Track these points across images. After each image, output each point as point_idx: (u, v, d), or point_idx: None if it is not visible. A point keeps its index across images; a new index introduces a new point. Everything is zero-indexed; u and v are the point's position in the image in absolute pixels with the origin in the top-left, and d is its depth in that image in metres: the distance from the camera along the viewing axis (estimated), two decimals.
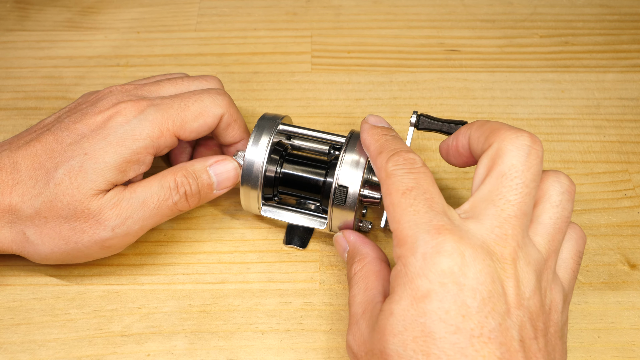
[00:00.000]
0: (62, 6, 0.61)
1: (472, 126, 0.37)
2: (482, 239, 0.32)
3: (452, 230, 0.32)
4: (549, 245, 0.34)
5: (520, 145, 0.33)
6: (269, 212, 0.44)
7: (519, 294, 0.31)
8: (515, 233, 0.32)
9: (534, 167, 0.33)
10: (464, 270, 0.31)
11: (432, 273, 0.31)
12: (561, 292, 0.34)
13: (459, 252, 0.31)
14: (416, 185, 0.34)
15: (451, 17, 0.61)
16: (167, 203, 0.41)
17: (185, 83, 0.44)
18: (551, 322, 0.33)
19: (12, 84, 0.55)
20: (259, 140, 0.42)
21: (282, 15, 0.61)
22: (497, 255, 0.32)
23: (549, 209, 0.34)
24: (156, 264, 0.44)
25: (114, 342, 0.40)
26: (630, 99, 0.55)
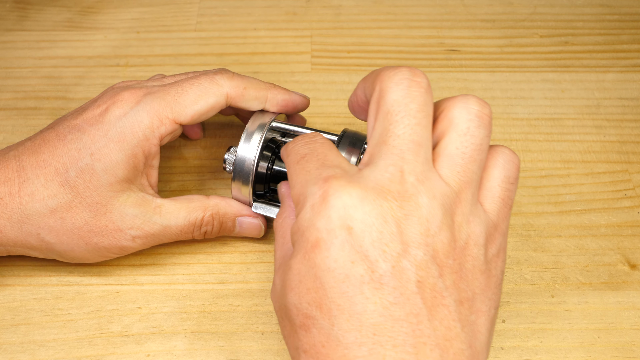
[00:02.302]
0: (61, 6, 0.61)
1: (365, 78, 0.35)
2: (375, 180, 0.30)
3: (342, 176, 0.30)
4: (460, 176, 0.31)
5: (399, 80, 0.31)
6: (260, 209, 0.44)
7: (421, 231, 0.29)
8: (411, 167, 0.30)
9: (418, 97, 0.31)
10: (350, 213, 0.29)
11: (320, 221, 0.29)
12: (482, 223, 0.31)
13: (346, 196, 0.29)
14: (310, 152, 0.33)
15: (451, 17, 0.61)
16: (186, 235, 0.42)
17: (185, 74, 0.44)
18: (467, 257, 0.31)
19: (11, 84, 0.55)
20: (251, 137, 0.42)
21: (282, 15, 0.61)
22: (393, 193, 0.30)
23: (455, 138, 0.31)
24: (156, 264, 0.44)
25: (114, 342, 0.40)
26: (630, 99, 0.54)
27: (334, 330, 0.29)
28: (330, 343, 0.29)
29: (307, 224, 0.30)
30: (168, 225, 0.41)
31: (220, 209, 0.43)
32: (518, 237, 0.46)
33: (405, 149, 0.30)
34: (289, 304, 0.31)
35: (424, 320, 0.29)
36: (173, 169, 0.49)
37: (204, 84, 0.42)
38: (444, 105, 0.33)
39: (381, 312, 0.28)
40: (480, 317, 0.31)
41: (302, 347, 0.30)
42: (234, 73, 0.43)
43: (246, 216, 0.43)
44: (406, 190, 0.30)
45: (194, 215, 0.42)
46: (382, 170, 0.30)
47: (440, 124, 0.32)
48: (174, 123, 0.41)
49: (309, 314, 0.30)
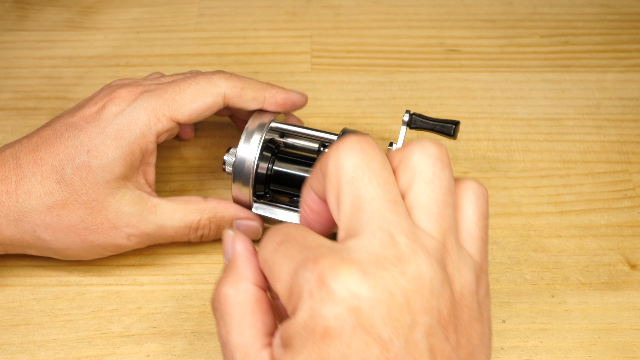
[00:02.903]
0: (61, 6, 0.61)
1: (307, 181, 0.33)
2: (366, 250, 0.28)
3: (331, 255, 0.28)
4: (440, 225, 0.29)
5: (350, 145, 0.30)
6: (260, 210, 0.44)
7: (426, 295, 0.27)
8: (398, 228, 0.28)
9: (376, 156, 0.30)
10: (354, 291, 0.27)
11: (325, 308, 0.27)
12: (471, 269, 0.30)
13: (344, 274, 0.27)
14: (285, 238, 0.30)
15: (451, 17, 0.61)
16: (182, 237, 0.42)
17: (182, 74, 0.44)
18: (464, 309, 0.29)
19: (11, 84, 0.55)
20: (251, 137, 0.42)
21: (282, 15, 0.61)
22: (391, 259, 0.27)
23: (423, 187, 0.30)
24: (156, 264, 0.44)
25: (114, 342, 0.40)
26: (630, 99, 0.54)
27: None
28: None
29: (310, 313, 0.27)
30: (163, 225, 0.41)
31: (217, 213, 0.42)
32: (518, 237, 0.46)
33: (384, 209, 0.28)
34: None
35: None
36: (173, 169, 0.49)
37: (201, 83, 0.42)
38: (400, 155, 0.31)
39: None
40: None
41: None
42: (231, 74, 0.43)
43: (244, 219, 0.43)
44: (402, 253, 0.28)
45: (190, 218, 0.42)
46: (370, 238, 0.28)
47: (403, 176, 0.30)
48: (170, 121, 0.41)
49: None
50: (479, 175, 0.49)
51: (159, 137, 0.41)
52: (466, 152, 0.51)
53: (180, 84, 0.41)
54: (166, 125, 0.41)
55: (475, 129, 0.52)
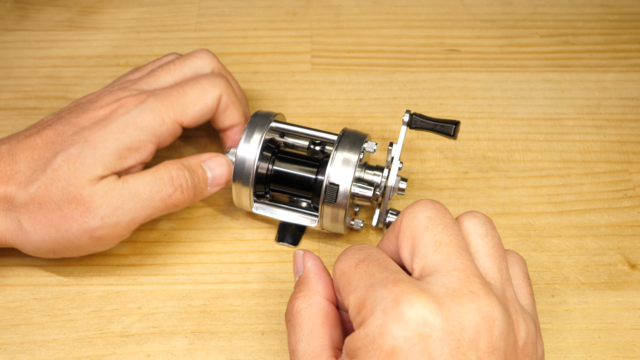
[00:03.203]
0: (61, 6, 0.61)
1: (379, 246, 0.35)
2: (443, 285, 0.29)
3: (411, 281, 0.29)
4: (500, 274, 0.32)
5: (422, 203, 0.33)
6: (260, 210, 0.44)
7: (492, 335, 0.29)
8: (473, 270, 0.30)
9: (448, 214, 0.33)
10: (428, 320, 0.28)
11: (395, 328, 0.28)
12: (532, 321, 0.32)
13: (421, 301, 0.28)
14: (368, 257, 0.32)
15: (451, 17, 0.61)
16: (160, 195, 0.40)
17: (178, 67, 0.45)
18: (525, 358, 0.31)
19: (11, 83, 0.55)
20: (251, 137, 0.42)
21: (282, 15, 0.61)
22: (467, 295, 0.29)
23: (480, 242, 0.33)
24: (156, 264, 0.44)
25: (114, 342, 0.40)
26: (630, 99, 0.54)
27: None
28: None
29: (380, 330, 0.28)
30: (136, 191, 0.39)
31: (183, 161, 0.42)
32: (518, 237, 0.46)
33: (458, 254, 0.31)
34: None
35: None
36: None
37: (203, 84, 0.43)
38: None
39: None
40: None
41: None
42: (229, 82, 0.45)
43: (208, 159, 0.42)
44: (477, 293, 0.29)
45: (160, 173, 0.40)
46: (447, 276, 0.30)
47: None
48: (175, 123, 0.42)
49: None
50: (479, 175, 0.49)
51: (162, 139, 0.41)
52: (466, 152, 0.51)
53: (184, 86, 0.43)
54: (171, 128, 0.42)
55: (475, 129, 0.52)
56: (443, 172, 0.49)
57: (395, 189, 0.43)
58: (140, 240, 0.45)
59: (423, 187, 0.49)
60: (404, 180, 0.43)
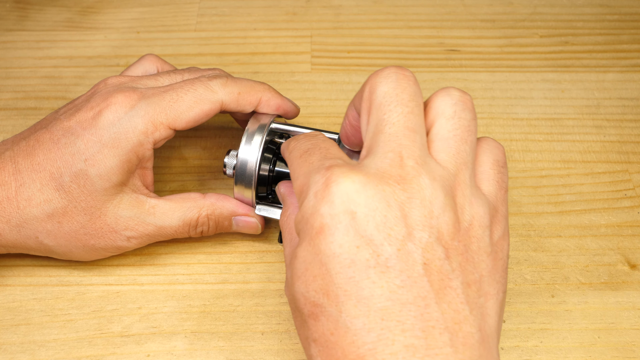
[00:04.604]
0: (61, 6, 0.61)
1: (352, 100, 0.37)
2: (375, 167, 0.30)
3: (344, 165, 0.31)
4: (455, 158, 0.32)
5: (387, 74, 0.33)
6: (263, 211, 0.44)
7: (424, 213, 0.29)
8: (409, 152, 0.30)
9: (409, 88, 0.32)
10: (354, 198, 0.29)
11: (324, 207, 0.30)
12: (484, 205, 0.32)
13: (348, 181, 0.30)
14: (312, 146, 0.34)
15: (451, 17, 0.61)
16: (182, 233, 0.42)
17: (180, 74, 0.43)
18: (472, 239, 0.31)
19: (11, 84, 0.55)
20: (252, 139, 0.42)
21: (282, 15, 0.61)
22: (395, 177, 0.30)
23: (444, 122, 0.32)
24: (156, 264, 0.44)
25: (114, 342, 0.40)
26: (630, 99, 0.54)
27: (342, 317, 0.29)
28: (338, 330, 0.29)
29: (311, 210, 0.30)
30: (162, 225, 0.41)
31: (215, 209, 0.42)
32: (518, 237, 0.46)
33: (401, 135, 0.31)
34: (296, 294, 0.31)
35: (431, 304, 0.28)
36: (173, 169, 0.49)
37: (199, 90, 0.41)
38: (428, 99, 0.34)
39: (388, 296, 0.28)
40: (489, 300, 0.31)
41: (312, 336, 0.30)
42: (227, 77, 0.43)
43: (242, 215, 0.43)
44: (407, 174, 0.30)
45: (189, 216, 0.42)
46: (382, 157, 0.31)
47: (428, 115, 0.33)
48: (168, 129, 0.41)
49: (317, 301, 0.29)
50: None
51: (157, 144, 0.41)
52: None
53: (178, 91, 0.41)
54: (163, 133, 0.41)
55: None
56: None
57: None
58: None
59: None
60: None
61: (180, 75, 0.44)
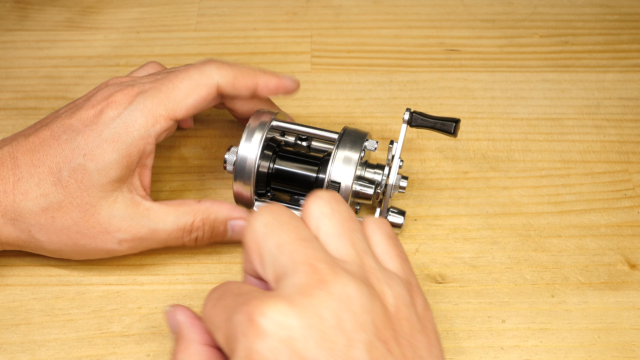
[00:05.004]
0: (62, 6, 0.61)
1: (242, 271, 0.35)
2: (292, 284, 0.29)
3: (261, 295, 0.29)
4: (354, 249, 0.31)
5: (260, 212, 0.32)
6: None
7: (354, 313, 0.28)
8: (317, 257, 0.29)
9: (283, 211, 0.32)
10: (285, 322, 0.27)
11: (259, 344, 0.27)
12: (399, 282, 0.31)
13: (271, 308, 0.27)
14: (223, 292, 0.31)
15: (451, 17, 0.61)
16: (176, 239, 0.42)
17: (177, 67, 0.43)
18: (403, 322, 0.30)
19: (12, 83, 0.55)
20: (252, 136, 0.42)
21: (282, 15, 0.61)
22: (316, 285, 0.28)
23: (328, 223, 0.32)
24: (156, 264, 0.44)
25: (114, 342, 0.40)
26: (630, 99, 0.55)
27: None
28: None
29: (247, 353, 0.27)
30: (156, 229, 0.41)
31: (210, 214, 0.42)
32: (518, 237, 0.46)
33: (300, 247, 0.30)
34: None
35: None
36: (173, 169, 0.49)
37: (194, 76, 0.41)
38: (303, 210, 0.33)
39: None
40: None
41: None
42: (222, 62, 0.43)
43: (238, 219, 0.43)
44: (325, 279, 0.28)
45: (183, 220, 0.41)
46: (294, 273, 0.29)
47: (310, 224, 0.32)
48: (168, 120, 0.41)
49: None
50: (479, 175, 0.49)
51: (158, 137, 0.41)
52: (466, 152, 0.51)
53: (173, 80, 0.41)
54: (164, 125, 0.41)
55: (475, 129, 0.52)
56: (443, 172, 0.49)
57: (396, 187, 0.43)
58: None
59: (423, 187, 0.49)
60: (404, 179, 0.43)
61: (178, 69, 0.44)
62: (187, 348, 0.33)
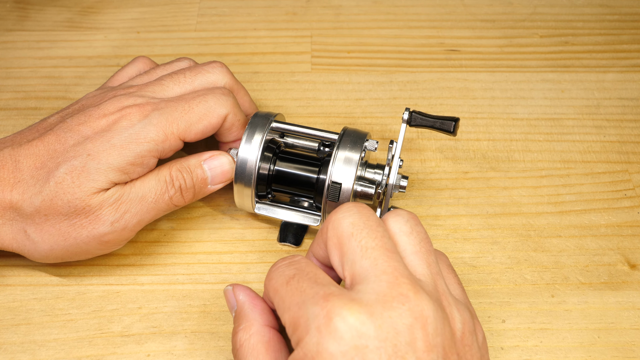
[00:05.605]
0: (62, 6, 0.61)
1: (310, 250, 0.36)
2: (373, 291, 0.29)
3: (342, 295, 0.29)
4: (429, 270, 0.32)
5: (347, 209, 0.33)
6: (262, 210, 0.44)
7: (427, 333, 0.29)
8: (401, 271, 0.30)
9: (372, 216, 0.33)
10: (362, 331, 0.28)
11: (331, 344, 0.28)
12: (466, 309, 0.32)
13: (353, 313, 0.28)
14: (297, 272, 0.32)
15: (451, 17, 0.61)
16: (163, 197, 0.41)
17: (188, 79, 0.44)
18: (466, 349, 0.31)
19: (12, 84, 0.55)
20: (252, 138, 0.42)
21: (282, 15, 0.61)
22: (397, 298, 0.29)
23: (406, 240, 0.33)
24: (156, 264, 0.44)
25: (114, 342, 0.40)
26: (630, 99, 0.55)
27: None
28: None
29: (316, 348, 0.28)
30: (143, 194, 0.40)
31: (182, 161, 0.42)
32: (518, 237, 0.46)
33: (385, 257, 0.31)
34: None
35: None
36: None
37: (210, 102, 0.42)
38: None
39: None
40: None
41: None
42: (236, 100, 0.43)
43: (209, 158, 0.42)
44: (406, 294, 0.29)
45: (162, 175, 0.41)
46: (376, 280, 0.30)
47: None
48: (178, 139, 0.41)
49: None
50: (479, 175, 0.49)
51: (164, 153, 0.41)
52: (466, 152, 0.51)
53: (190, 102, 0.42)
54: (173, 144, 0.41)
55: (475, 129, 0.52)
56: (443, 172, 0.49)
57: (396, 187, 0.43)
58: (140, 240, 0.45)
59: (423, 187, 0.49)
60: (404, 178, 0.43)
61: (183, 75, 0.44)
62: (249, 328, 0.34)
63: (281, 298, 0.31)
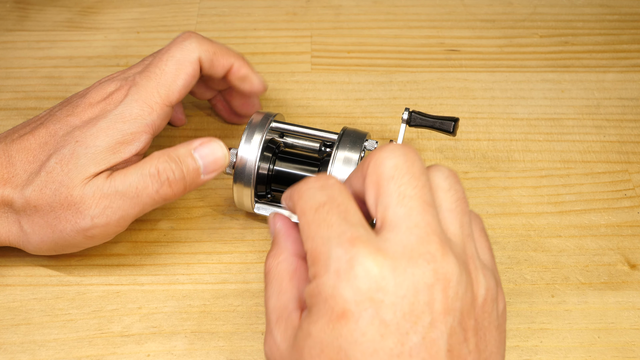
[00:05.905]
0: (62, 6, 0.61)
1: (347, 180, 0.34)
2: (401, 244, 0.29)
3: (368, 241, 0.29)
4: (462, 230, 0.31)
5: (393, 148, 0.31)
6: (262, 210, 0.44)
7: (451, 295, 0.28)
8: (433, 228, 0.29)
9: (417, 162, 0.31)
10: (382, 284, 0.28)
11: (347, 291, 0.28)
12: (492, 276, 0.31)
13: (375, 265, 0.28)
14: (329, 200, 0.31)
15: (451, 17, 0.61)
16: (146, 192, 0.39)
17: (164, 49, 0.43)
18: (485, 315, 0.30)
19: (12, 84, 0.55)
20: (252, 138, 0.42)
21: (282, 15, 0.61)
22: (424, 256, 0.29)
23: (443, 195, 0.32)
24: (156, 264, 0.44)
25: (114, 342, 0.40)
26: (630, 99, 0.55)
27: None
28: None
29: (332, 291, 0.28)
30: (122, 190, 0.38)
31: (171, 151, 0.40)
32: (518, 237, 0.46)
33: (421, 209, 0.30)
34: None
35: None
36: None
37: (176, 55, 0.41)
38: None
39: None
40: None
41: None
42: (202, 36, 0.43)
43: (200, 146, 0.40)
44: (434, 253, 0.29)
45: (145, 168, 0.39)
46: (407, 232, 0.29)
47: None
48: (164, 106, 0.41)
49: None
50: (479, 175, 0.49)
51: (155, 126, 0.41)
52: (466, 152, 0.51)
53: (159, 64, 0.41)
54: (160, 113, 0.41)
55: (475, 129, 0.52)
56: None
57: None
58: (140, 240, 0.45)
59: None
60: None
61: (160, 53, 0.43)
62: (278, 255, 0.34)
63: (307, 223, 0.31)
